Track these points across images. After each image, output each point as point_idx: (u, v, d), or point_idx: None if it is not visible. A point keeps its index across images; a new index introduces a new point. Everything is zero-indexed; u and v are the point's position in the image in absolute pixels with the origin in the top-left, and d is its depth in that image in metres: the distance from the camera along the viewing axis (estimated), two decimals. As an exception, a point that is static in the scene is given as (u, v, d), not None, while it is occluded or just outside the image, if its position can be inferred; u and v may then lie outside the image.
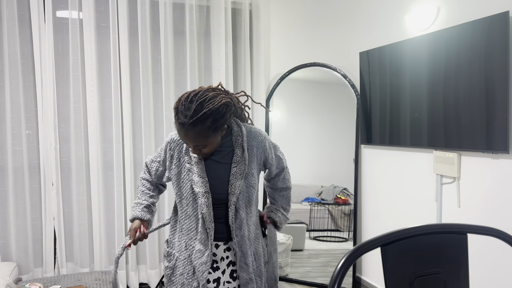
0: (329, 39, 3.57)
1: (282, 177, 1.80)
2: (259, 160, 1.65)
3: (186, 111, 1.39)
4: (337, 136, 3.43)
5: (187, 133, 1.41)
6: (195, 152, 1.49)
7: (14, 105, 2.90)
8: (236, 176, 1.57)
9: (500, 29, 2.10)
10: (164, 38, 3.21)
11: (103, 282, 2.61)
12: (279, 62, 3.70)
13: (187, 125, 1.39)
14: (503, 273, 2.21)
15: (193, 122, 1.38)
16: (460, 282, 0.93)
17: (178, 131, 1.43)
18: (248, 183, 1.61)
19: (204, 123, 1.40)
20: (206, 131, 1.42)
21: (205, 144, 1.46)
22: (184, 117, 1.39)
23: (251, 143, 1.62)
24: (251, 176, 1.61)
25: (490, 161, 2.26)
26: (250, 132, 1.64)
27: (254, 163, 1.62)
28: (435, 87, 2.49)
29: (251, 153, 1.62)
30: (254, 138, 1.63)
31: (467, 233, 0.93)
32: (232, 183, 1.57)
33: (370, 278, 3.22)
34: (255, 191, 1.64)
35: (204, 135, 1.42)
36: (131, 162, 3.16)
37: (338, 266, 0.81)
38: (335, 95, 3.49)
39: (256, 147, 1.63)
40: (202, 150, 1.49)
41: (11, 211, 2.90)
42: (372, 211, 3.19)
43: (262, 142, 1.65)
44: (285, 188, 1.82)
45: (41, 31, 2.92)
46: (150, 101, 3.21)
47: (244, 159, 1.58)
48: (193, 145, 1.46)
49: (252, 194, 1.62)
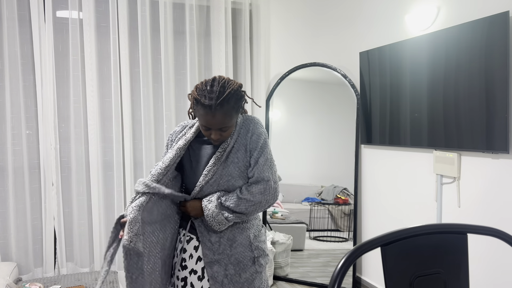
0: (329, 39, 3.57)
1: (256, 189, 1.52)
2: (248, 150, 1.55)
3: (210, 94, 1.42)
4: (337, 136, 3.43)
5: (215, 115, 1.42)
6: (216, 137, 1.47)
7: (14, 105, 2.90)
8: (215, 161, 1.52)
9: (500, 29, 2.10)
10: (164, 38, 3.21)
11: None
12: (279, 62, 3.70)
13: (215, 106, 1.41)
14: (503, 273, 2.21)
15: (220, 102, 1.41)
16: (460, 282, 0.93)
17: (204, 115, 1.43)
18: (229, 173, 1.52)
19: (229, 103, 1.43)
20: (231, 111, 1.44)
21: (229, 125, 1.46)
22: (210, 100, 1.41)
23: (239, 129, 1.55)
24: (233, 165, 1.52)
25: (490, 161, 2.26)
26: (248, 119, 1.59)
27: (241, 152, 1.54)
28: (435, 87, 2.49)
29: (241, 139, 1.54)
30: (245, 124, 1.57)
31: (467, 233, 0.93)
32: (208, 168, 1.52)
33: (370, 278, 3.22)
34: (237, 184, 1.54)
35: (229, 115, 1.44)
36: (131, 162, 3.16)
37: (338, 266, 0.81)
38: (335, 95, 3.49)
39: (251, 134, 1.55)
40: (223, 134, 1.48)
41: (11, 211, 2.90)
42: (372, 211, 3.19)
43: (252, 131, 1.56)
44: (251, 194, 1.52)
45: (41, 31, 2.92)
46: (150, 101, 3.21)
47: (227, 144, 1.53)
48: (218, 128, 1.45)
49: (232, 187, 1.53)
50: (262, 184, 1.52)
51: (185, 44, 3.32)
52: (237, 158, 1.53)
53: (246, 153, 1.54)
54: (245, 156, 1.54)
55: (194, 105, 1.48)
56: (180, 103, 3.35)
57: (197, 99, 1.44)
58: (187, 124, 1.68)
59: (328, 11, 3.58)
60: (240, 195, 1.51)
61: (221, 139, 1.50)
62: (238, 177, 1.54)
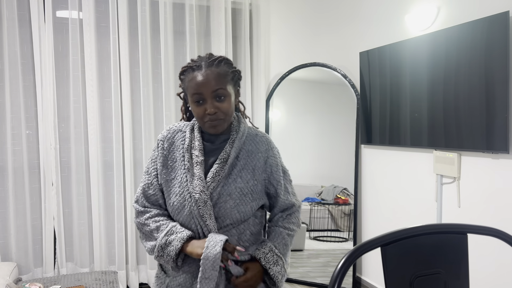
0: (329, 39, 3.57)
1: (286, 217, 1.39)
2: (257, 172, 1.32)
3: (199, 58, 1.29)
4: (337, 136, 3.44)
5: (206, 74, 1.23)
6: (212, 109, 1.23)
7: (14, 105, 2.90)
8: (213, 175, 1.27)
9: (500, 29, 2.10)
10: (164, 38, 3.21)
11: (103, 282, 2.61)
12: (279, 62, 3.70)
13: (206, 64, 1.25)
14: (503, 273, 2.21)
15: (211, 62, 1.26)
16: (460, 282, 0.93)
17: (194, 79, 1.24)
18: (228, 192, 1.27)
19: (220, 65, 1.26)
20: (224, 75, 1.26)
21: (225, 92, 1.25)
22: (199, 61, 1.27)
23: (248, 147, 1.34)
24: (234, 185, 1.28)
25: (490, 161, 2.25)
26: (251, 134, 1.36)
27: (247, 172, 1.31)
28: (435, 87, 2.49)
29: (245, 159, 1.32)
30: (255, 142, 1.35)
31: (467, 233, 0.93)
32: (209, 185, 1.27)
33: (370, 278, 3.22)
34: (235, 212, 1.27)
35: (223, 78, 1.25)
36: (131, 162, 3.16)
37: (338, 266, 0.81)
38: (335, 95, 3.49)
39: (255, 154, 1.33)
40: (221, 106, 1.25)
41: (11, 211, 2.90)
42: (372, 211, 3.19)
43: (266, 152, 1.34)
44: (287, 228, 1.38)
45: (41, 31, 2.92)
46: (150, 101, 3.21)
47: (227, 154, 1.30)
48: (211, 91, 1.23)
49: (227, 213, 1.27)
50: (294, 210, 1.41)
51: (185, 44, 3.32)
52: (240, 177, 1.29)
53: (253, 176, 1.31)
54: (252, 179, 1.31)
55: (183, 81, 1.30)
56: (180, 103, 3.35)
57: (184, 68, 1.29)
58: (177, 128, 1.39)
59: (328, 10, 3.58)
60: (289, 231, 1.36)
61: (218, 118, 1.25)
62: (239, 200, 1.28)
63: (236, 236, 1.30)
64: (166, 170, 1.34)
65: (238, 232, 1.30)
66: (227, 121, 1.29)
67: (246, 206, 1.29)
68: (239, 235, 1.30)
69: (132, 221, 3.17)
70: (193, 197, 1.26)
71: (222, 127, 1.29)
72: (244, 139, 1.33)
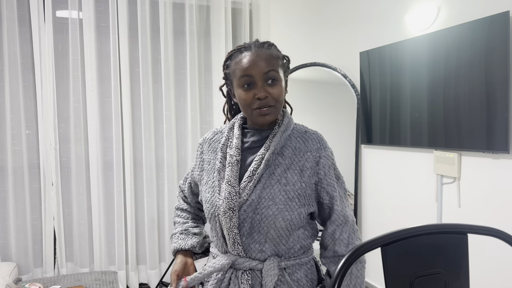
0: (329, 39, 3.57)
1: (340, 234, 1.14)
2: (306, 174, 1.13)
3: (247, 43, 1.18)
4: (337, 136, 3.43)
5: (257, 53, 1.11)
6: (262, 94, 1.09)
7: (14, 105, 2.90)
8: (250, 173, 1.12)
9: (500, 29, 2.09)
10: (164, 38, 3.21)
11: (103, 282, 2.61)
12: (279, 62, 3.69)
13: (255, 45, 1.14)
14: (504, 273, 2.21)
15: (261, 44, 1.15)
16: (461, 282, 0.92)
17: (241, 59, 1.12)
18: (271, 196, 1.09)
19: (271, 48, 1.15)
20: (276, 57, 1.14)
21: (276, 76, 1.12)
22: (248, 44, 1.17)
23: (295, 144, 1.16)
24: (279, 186, 1.10)
25: (490, 161, 2.25)
26: (300, 131, 1.19)
27: (294, 172, 1.13)
28: (435, 87, 2.49)
29: (292, 157, 1.14)
30: (304, 139, 1.16)
31: (467, 233, 0.93)
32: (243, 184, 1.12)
33: (370, 278, 3.22)
34: (278, 221, 1.08)
35: (274, 59, 1.13)
36: (131, 162, 3.16)
37: (338, 266, 0.81)
38: (335, 95, 3.49)
39: (303, 153, 1.14)
40: (272, 90, 1.10)
41: (11, 211, 2.90)
42: (372, 211, 3.19)
43: (318, 151, 1.15)
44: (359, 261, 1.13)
45: (41, 31, 2.91)
46: (150, 101, 3.20)
47: (262, 157, 1.13)
48: (263, 73, 1.10)
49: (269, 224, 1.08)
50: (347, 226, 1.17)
51: (185, 44, 3.31)
52: (286, 178, 1.12)
53: (301, 177, 1.13)
54: (299, 181, 1.12)
55: (228, 67, 1.17)
56: (180, 103, 3.35)
57: (231, 52, 1.18)
58: (218, 130, 1.29)
59: (328, 11, 3.58)
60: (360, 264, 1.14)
61: (269, 104, 1.10)
62: (283, 205, 1.09)
63: (283, 251, 1.13)
64: (201, 173, 1.25)
65: (286, 247, 1.13)
66: (278, 109, 1.13)
67: (293, 212, 1.09)
68: (287, 250, 1.14)
69: (132, 221, 3.17)
70: (215, 204, 1.13)
71: (273, 116, 1.13)
72: (289, 134, 1.16)
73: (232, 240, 1.12)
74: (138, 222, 3.24)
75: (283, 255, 1.14)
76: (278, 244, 1.12)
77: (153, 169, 3.21)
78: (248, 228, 1.10)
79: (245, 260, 1.12)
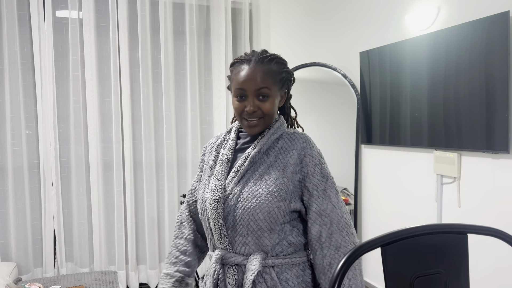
0: (329, 39, 3.57)
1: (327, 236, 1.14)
2: (289, 170, 1.17)
3: (252, 52, 1.24)
4: (337, 136, 3.43)
5: (253, 69, 1.17)
6: (251, 108, 1.17)
7: (14, 105, 2.90)
8: (235, 175, 1.20)
9: (500, 29, 2.09)
10: (164, 38, 3.21)
11: (103, 282, 2.61)
12: (279, 62, 3.69)
13: (255, 59, 1.19)
14: (504, 273, 2.21)
15: (261, 58, 1.19)
16: (461, 282, 0.92)
17: (239, 72, 1.19)
18: (252, 191, 1.15)
19: (270, 64, 1.20)
20: (272, 74, 1.19)
21: (269, 91, 1.18)
22: (250, 55, 1.22)
23: (282, 144, 1.21)
24: (262, 182, 1.16)
25: (490, 161, 2.25)
26: (289, 133, 1.25)
27: (276, 169, 1.17)
28: (435, 87, 2.49)
29: (276, 155, 1.19)
30: (290, 139, 1.22)
31: (467, 233, 0.93)
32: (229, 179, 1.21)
33: (370, 278, 3.22)
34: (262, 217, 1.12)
35: (270, 76, 1.18)
36: (131, 162, 3.16)
37: (338, 266, 0.80)
38: (335, 95, 3.48)
39: (288, 151, 1.19)
40: (262, 105, 1.18)
41: (11, 211, 2.90)
42: (372, 211, 3.19)
43: (303, 150, 1.19)
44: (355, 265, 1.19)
45: (41, 31, 2.91)
46: (150, 101, 3.20)
47: (248, 155, 1.20)
48: (255, 89, 1.17)
49: (252, 218, 1.13)
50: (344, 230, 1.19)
51: (185, 44, 3.31)
52: (267, 174, 1.17)
53: (283, 173, 1.16)
54: (281, 177, 1.16)
55: (231, 73, 1.25)
56: (180, 103, 3.35)
57: (235, 61, 1.25)
58: (221, 134, 1.38)
59: (328, 11, 3.58)
60: (357, 265, 1.20)
61: (257, 117, 1.19)
62: (263, 199, 1.14)
63: (269, 247, 1.15)
64: (201, 173, 1.35)
65: (271, 243, 1.15)
66: (266, 122, 1.21)
67: (271, 205, 1.12)
68: (273, 246, 1.15)
69: (132, 221, 3.17)
70: (204, 198, 1.22)
71: (261, 128, 1.21)
72: (277, 137, 1.22)
73: (219, 232, 1.17)
74: (138, 222, 3.24)
75: (269, 251, 1.16)
76: (260, 237, 1.15)
77: (153, 169, 3.21)
78: (232, 221, 1.16)
79: (232, 255, 1.17)
